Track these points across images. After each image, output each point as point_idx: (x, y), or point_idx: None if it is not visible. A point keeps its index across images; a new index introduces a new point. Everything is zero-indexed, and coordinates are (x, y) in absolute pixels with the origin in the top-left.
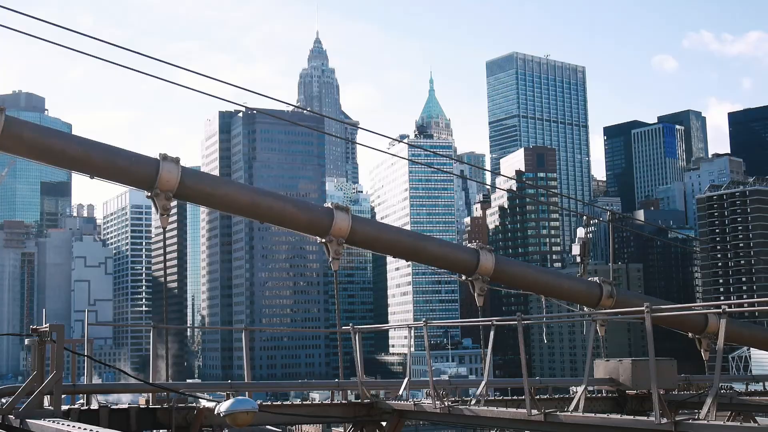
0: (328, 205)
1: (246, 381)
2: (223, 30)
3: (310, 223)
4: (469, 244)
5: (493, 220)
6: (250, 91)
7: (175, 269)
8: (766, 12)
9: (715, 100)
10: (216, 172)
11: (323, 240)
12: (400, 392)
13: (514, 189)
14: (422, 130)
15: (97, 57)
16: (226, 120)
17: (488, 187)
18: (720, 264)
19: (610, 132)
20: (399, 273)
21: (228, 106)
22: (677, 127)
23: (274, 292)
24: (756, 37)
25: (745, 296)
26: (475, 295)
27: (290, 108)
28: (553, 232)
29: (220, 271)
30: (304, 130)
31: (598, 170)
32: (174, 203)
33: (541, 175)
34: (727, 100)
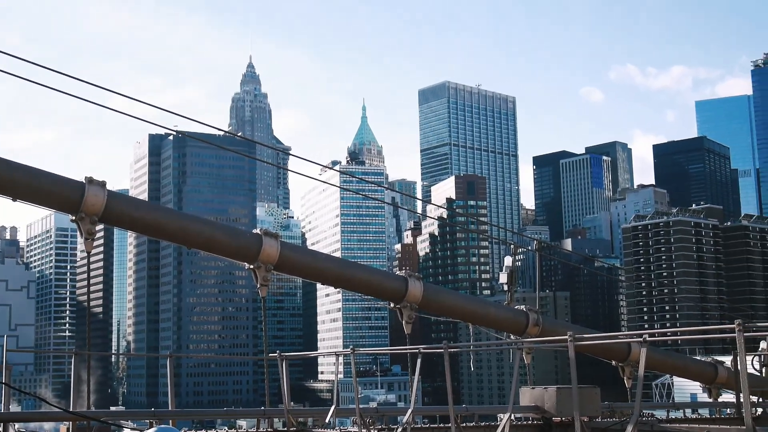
0: (257, 230)
1: (170, 409)
2: (156, 51)
3: (239, 249)
4: (398, 272)
5: (423, 247)
6: (179, 115)
7: (100, 294)
8: (688, 48)
9: (640, 132)
10: (145, 196)
11: (251, 266)
12: (327, 420)
13: (445, 216)
14: (354, 156)
15: (22, 78)
16: (156, 143)
17: (419, 214)
18: (644, 293)
19: (539, 161)
20: (329, 299)
21: (158, 129)
22: (604, 157)
23: (202, 318)
24: (679, 71)
25: (668, 324)
26: (404, 322)
27: (221, 132)
28: (482, 259)
29: (147, 296)
30: (235, 154)
31: (527, 199)
32: (100, 227)
33: (472, 203)
34: (651, 132)
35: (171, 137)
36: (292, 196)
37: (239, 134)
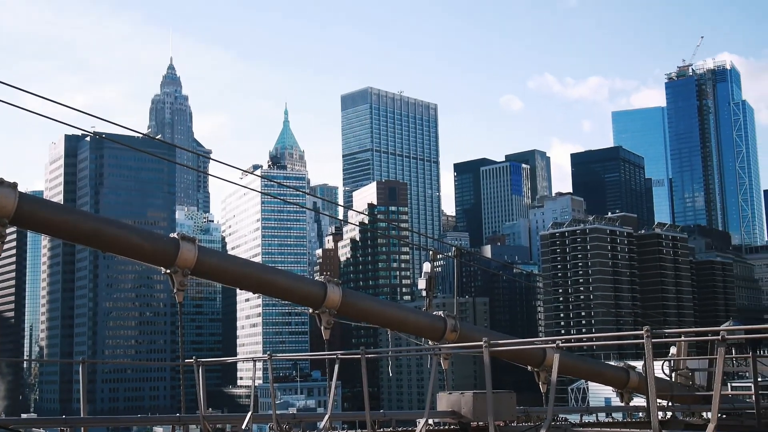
0: (174, 235)
1: (82, 416)
2: (73, 50)
3: (155, 253)
4: (318, 277)
5: (344, 253)
6: (96, 117)
7: (12, 298)
8: (604, 59)
9: (557, 141)
10: (60, 198)
11: (168, 271)
12: (244, 426)
13: (366, 222)
14: (276, 160)
15: None
16: (72, 144)
17: (340, 220)
18: (561, 299)
19: (460, 168)
20: (249, 304)
21: (75, 130)
22: (523, 165)
23: (118, 323)
24: (596, 82)
25: (583, 330)
26: (322, 328)
27: (140, 134)
28: (403, 265)
29: (62, 300)
30: (154, 156)
31: (448, 205)
32: (12, 230)
33: (393, 208)
34: (569, 141)
35: (88, 138)
36: (213, 200)
37: (158, 137)
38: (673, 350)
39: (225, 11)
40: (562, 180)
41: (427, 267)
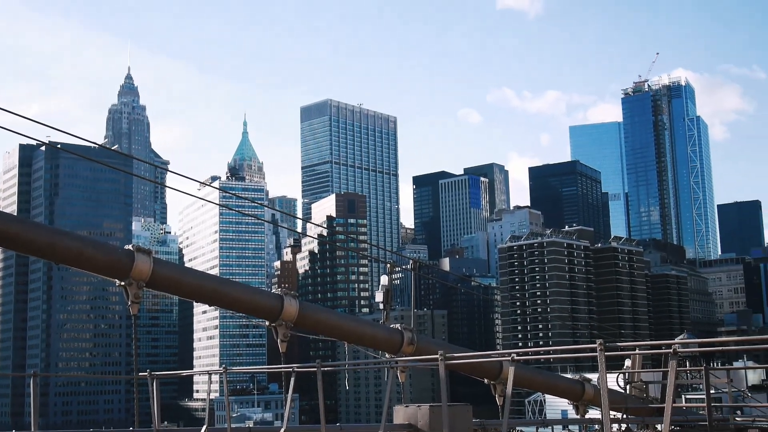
0: (129, 246)
1: (33, 430)
2: (29, 58)
3: (109, 265)
4: (276, 289)
5: (303, 265)
6: (51, 127)
7: None
8: (562, 74)
9: (515, 154)
10: (13, 209)
11: (122, 283)
12: None
13: (325, 234)
14: (234, 172)
15: None
16: (26, 154)
17: (299, 233)
18: (519, 312)
19: (419, 181)
20: (206, 317)
21: (30, 139)
22: (482, 179)
23: (72, 335)
24: (553, 96)
25: (541, 343)
26: (279, 341)
27: (96, 145)
28: (361, 277)
29: (14, 312)
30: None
31: (407, 218)
32: None
33: (352, 221)
34: (526, 154)
35: (43, 148)
36: (170, 211)
37: (115, 147)
38: (627, 363)
39: (183, 22)
40: (520, 193)
41: (384, 280)
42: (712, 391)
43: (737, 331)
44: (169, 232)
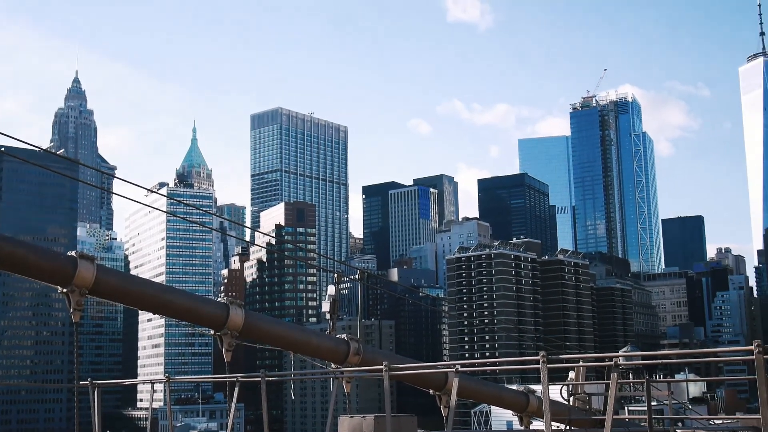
0: (72, 253)
1: None
2: None
3: (51, 271)
4: (221, 298)
5: (251, 273)
6: None
7: None
8: (511, 87)
9: (464, 166)
10: None
11: (64, 290)
12: None
13: (273, 243)
14: (183, 179)
15: None
16: None
17: (246, 241)
18: (466, 323)
19: (369, 191)
20: (151, 324)
21: None
22: (431, 190)
23: (13, 342)
24: (503, 109)
25: (487, 354)
26: (224, 350)
27: (41, 149)
28: (309, 287)
29: None
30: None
31: (356, 228)
32: None
33: (301, 230)
34: (475, 166)
35: None
36: (117, 217)
37: (61, 151)
38: (571, 375)
39: (133, 26)
40: (469, 205)
41: (331, 290)
42: (653, 404)
43: (679, 344)
44: (115, 239)
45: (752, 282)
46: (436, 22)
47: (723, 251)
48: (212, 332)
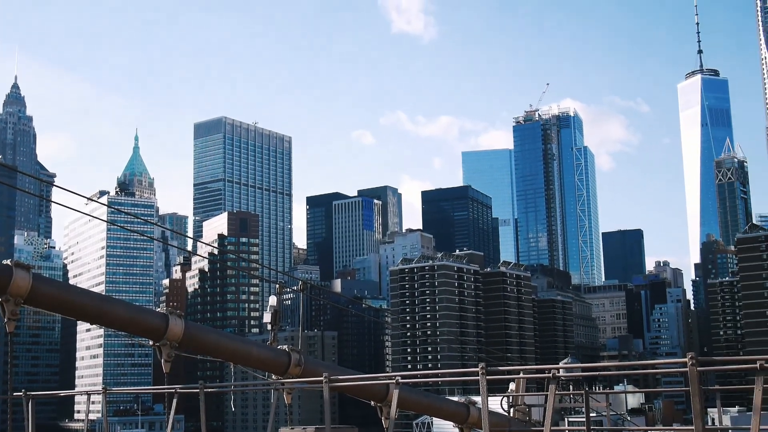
0: (8, 261)
1: None
2: None
3: None
4: (162, 308)
5: (192, 283)
6: None
7: None
8: (455, 100)
9: (408, 177)
10: None
11: None
12: None
13: (216, 253)
14: (124, 187)
15: None
16: None
17: (188, 251)
18: (408, 334)
19: (313, 202)
20: (89, 335)
21: None
22: (375, 201)
23: None
24: (446, 121)
25: (430, 365)
26: (162, 361)
27: None
28: (252, 297)
29: None
30: None
31: (300, 238)
32: None
33: (243, 240)
34: (419, 178)
35: None
36: (55, 225)
37: None
38: (512, 386)
39: (74, 31)
40: (412, 216)
41: (272, 301)
42: (592, 415)
43: (618, 355)
44: (54, 247)
45: (689, 295)
46: (380, 33)
47: (661, 264)
48: (151, 343)
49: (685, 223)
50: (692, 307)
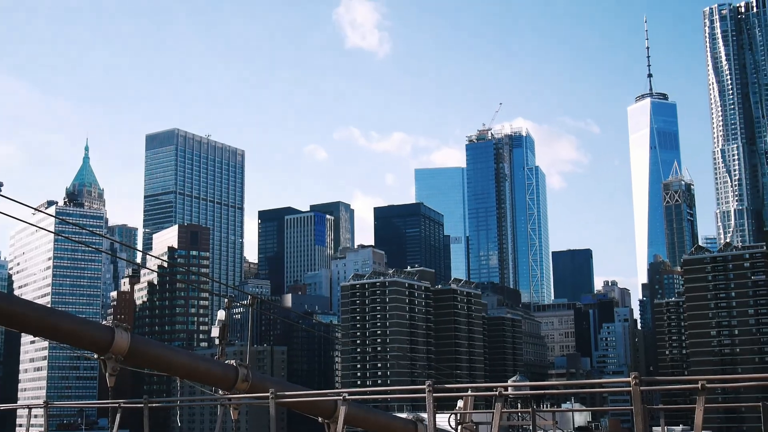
0: None
1: None
2: None
3: None
4: (109, 321)
5: (141, 296)
6: None
7: None
8: (409, 116)
9: (360, 193)
10: None
11: None
12: None
13: (165, 266)
14: (73, 198)
15: None
16: None
17: (136, 264)
18: (359, 350)
19: (265, 216)
20: (34, 347)
21: None
22: (327, 216)
23: None
24: (399, 137)
25: (379, 381)
26: (107, 374)
27: None
28: (201, 311)
29: None
30: None
31: (251, 252)
32: None
33: (194, 253)
34: (371, 194)
35: None
36: (1, 235)
37: None
38: (460, 404)
39: (22, 37)
40: (364, 232)
41: (221, 315)
42: None
43: (566, 373)
44: None
45: (636, 314)
46: (334, 48)
47: (609, 284)
48: (96, 356)
49: (633, 243)
50: (639, 326)
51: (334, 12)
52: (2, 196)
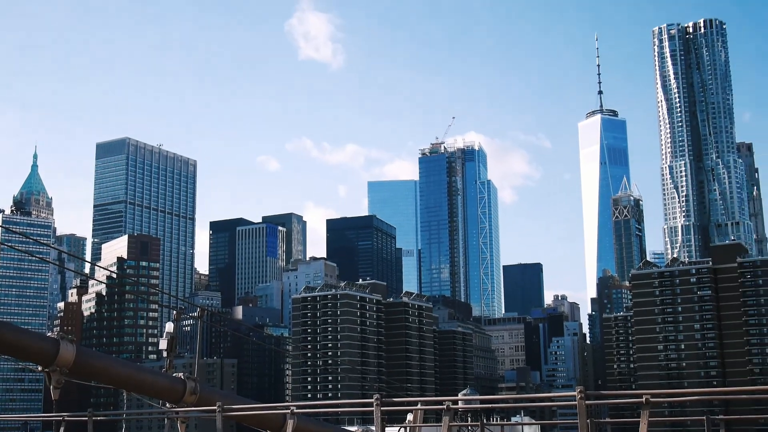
0: None
1: None
2: None
3: None
4: (55, 332)
5: (89, 307)
6: None
7: None
8: (362, 129)
9: (312, 205)
10: None
11: None
12: None
13: (114, 276)
14: (20, 206)
15: None
16: None
17: (84, 274)
18: (309, 363)
19: (216, 227)
20: None
21: None
22: (280, 228)
23: None
24: (352, 149)
25: (330, 395)
26: (51, 387)
27: None
28: (150, 323)
29: None
30: None
31: (202, 263)
32: None
33: (144, 263)
34: (323, 205)
35: None
36: None
37: None
38: (410, 417)
39: None
40: (316, 244)
41: (169, 327)
42: None
43: (516, 387)
44: None
45: (585, 329)
46: (287, 59)
47: (559, 298)
48: (40, 369)
49: (583, 257)
50: (588, 340)
51: (287, 23)
52: None
